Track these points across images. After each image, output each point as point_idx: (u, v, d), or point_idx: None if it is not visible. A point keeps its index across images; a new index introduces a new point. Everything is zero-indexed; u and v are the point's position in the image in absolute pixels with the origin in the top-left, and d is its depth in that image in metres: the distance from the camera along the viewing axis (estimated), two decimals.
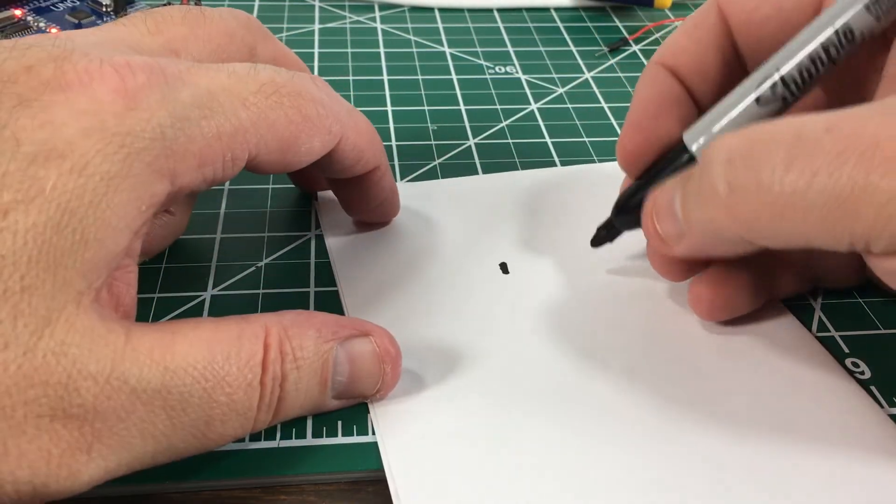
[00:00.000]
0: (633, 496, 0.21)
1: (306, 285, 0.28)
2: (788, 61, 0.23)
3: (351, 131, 0.25)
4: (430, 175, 0.35)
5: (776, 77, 0.23)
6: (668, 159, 0.26)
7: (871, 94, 0.24)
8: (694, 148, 0.25)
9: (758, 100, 0.23)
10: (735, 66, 0.27)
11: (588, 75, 0.44)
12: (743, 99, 0.24)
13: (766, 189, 0.19)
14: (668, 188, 0.24)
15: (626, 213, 0.27)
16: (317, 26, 0.48)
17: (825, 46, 0.22)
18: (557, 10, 0.52)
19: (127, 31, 0.23)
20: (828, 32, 0.22)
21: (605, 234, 0.28)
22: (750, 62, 0.27)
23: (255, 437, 0.23)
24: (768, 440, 0.23)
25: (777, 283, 0.27)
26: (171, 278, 0.28)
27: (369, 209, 0.30)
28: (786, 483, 0.22)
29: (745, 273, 0.26)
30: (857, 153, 0.18)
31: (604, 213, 0.28)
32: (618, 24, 0.50)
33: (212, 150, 0.20)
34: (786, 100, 0.23)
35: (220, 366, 0.19)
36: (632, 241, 0.30)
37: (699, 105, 0.27)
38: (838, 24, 0.22)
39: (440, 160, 0.36)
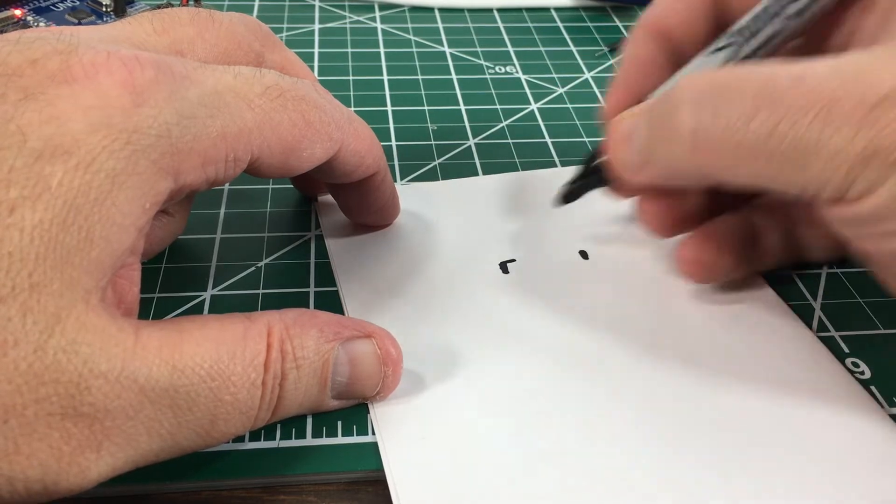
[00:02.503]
0: (634, 496, 0.21)
1: (306, 285, 0.28)
2: (745, 15, 0.25)
3: (351, 138, 0.25)
4: (430, 175, 0.35)
5: (734, 28, 0.25)
6: None
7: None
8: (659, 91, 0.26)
9: (719, 50, 0.25)
10: (724, 29, 0.27)
11: (588, 75, 0.44)
12: (706, 55, 0.25)
13: (731, 133, 0.20)
14: (632, 116, 0.24)
15: (595, 172, 0.27)
16: (317, 26, 0.48)
17: None
18: (557, 10, 0.52)
19: (132, 29, 0.23)
20: None
21: (572, 191, 0.28)
22: None
23: (255, 436, 0.23)
24: (769, 440, 0.23)
25: (761, 252, 0.28)
26: (171, 278, 0.28)
27: (369, 213, 0.30)
28: (786, 481, 0.22)
29: (729, 237, 0.27)
30: (817, 108, 0.19)
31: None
32: (618, 24, 0.50)
33: (216, 149, 0.20)
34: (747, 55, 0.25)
35: (225, 365, 0.19)
36: (630, 239, 0.30)
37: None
38: None
39: (440, 160, 0.36)
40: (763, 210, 0.28)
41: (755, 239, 0.28)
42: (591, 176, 0.28)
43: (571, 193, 0.29)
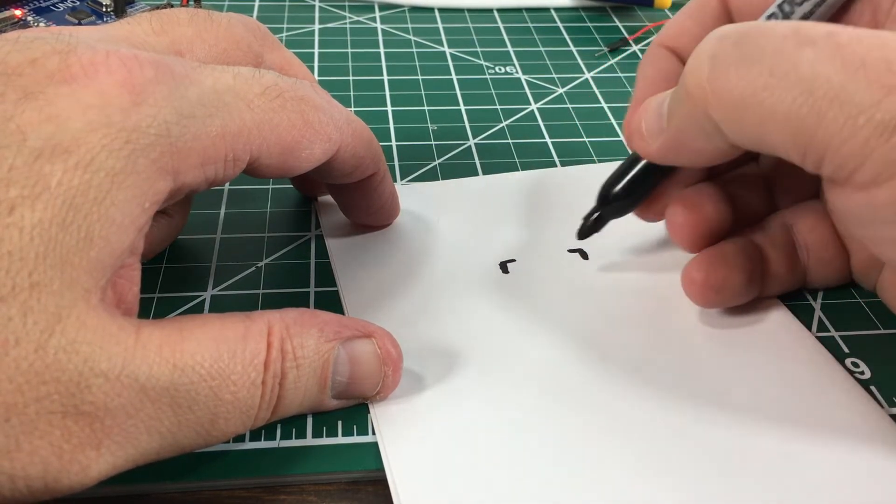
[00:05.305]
0: (635, 496, 0.21)
1: (306, 285, 0.28)
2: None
3: (350, 138, 0.25)
4: (431, 175, 0.35)
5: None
6: None
7: None
8: None
9: None
10: None
11: (588, 75, 0.44)
12: None
13: (748, 64, 0.20)
14: (662, 93, 0.24)
15: (612, 201, 0.27)
16: (317, 26, 0.48)
17: None
18: (557, 10, 0.52)
19: (131, 29, 0.23)
20: None
21: (591, 225, 0.28)
22: None
23: (255, 436, 0.23)
24: (769, 440, 0.23)
25: (768, 277, 0.28)
26: (171, 278, 0.28)
27: (369, 214, 0.30)
28: (786, 481, 0.22)
29: (737, 259, 0.27)
30: (845, 60, 0.18)
31: None
32: (618, 24, 0.50)
33: (215, 149, 0.20)
34: None
35: (225, 364, 0.19)
36: (631, 239, 0.30)
37: None
38: None
39: (440, 160, 0.36)
40: (769, 237, 0.28)
41: (763, 263, 0.27)
42: (608, 206, 0.27)
43: (590, 227, 0.28)
